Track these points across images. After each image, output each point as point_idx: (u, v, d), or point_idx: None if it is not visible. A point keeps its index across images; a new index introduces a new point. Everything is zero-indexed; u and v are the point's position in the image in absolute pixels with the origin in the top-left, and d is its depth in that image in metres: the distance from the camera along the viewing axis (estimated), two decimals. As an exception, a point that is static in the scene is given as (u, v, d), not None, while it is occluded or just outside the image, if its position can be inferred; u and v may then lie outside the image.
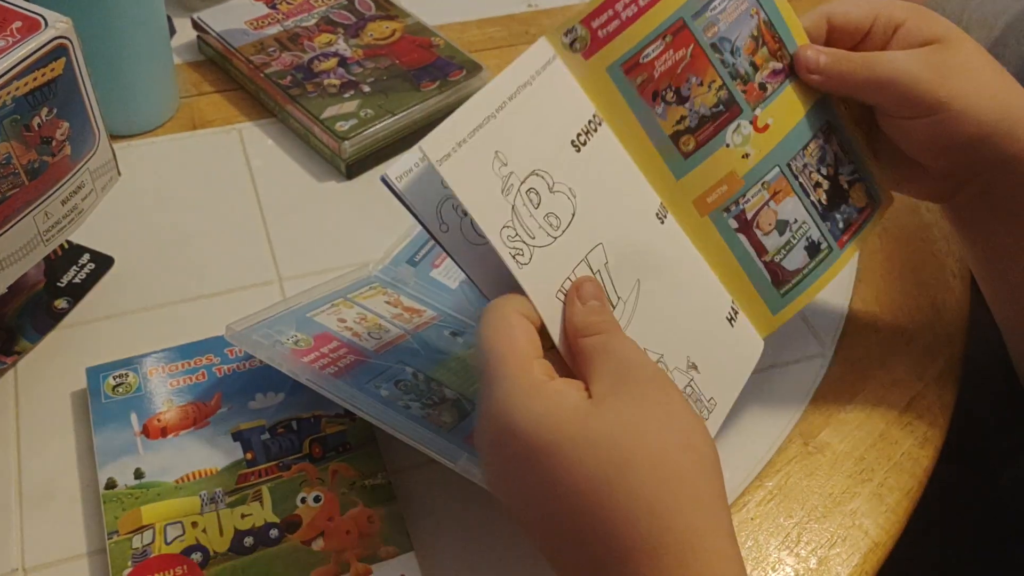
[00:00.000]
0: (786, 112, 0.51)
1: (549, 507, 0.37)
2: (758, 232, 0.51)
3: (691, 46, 0.48)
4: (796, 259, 0.52)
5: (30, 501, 0.50)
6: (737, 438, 0.55)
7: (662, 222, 0.49)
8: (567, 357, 0.42)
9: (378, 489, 0.50)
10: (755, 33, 0.50)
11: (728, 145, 0.50)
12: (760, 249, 0.51)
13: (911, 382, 0.58)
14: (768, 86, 0.51)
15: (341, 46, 0.74)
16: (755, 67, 0.50)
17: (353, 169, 0.68)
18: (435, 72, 0.72)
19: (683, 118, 0.49)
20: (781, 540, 0.51)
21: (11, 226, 0.50)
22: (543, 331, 0.42)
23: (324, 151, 0.69)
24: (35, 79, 0.49)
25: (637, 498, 0.36)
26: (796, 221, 0.52)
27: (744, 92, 0.50)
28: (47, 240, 0.54)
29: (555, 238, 0.44)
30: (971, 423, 0.59)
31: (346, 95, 0.70)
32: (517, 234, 0.42)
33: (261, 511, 0.49)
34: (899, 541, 0.53)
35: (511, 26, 0.82)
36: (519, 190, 0.42)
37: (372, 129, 0.68)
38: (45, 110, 0.50)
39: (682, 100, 0.48)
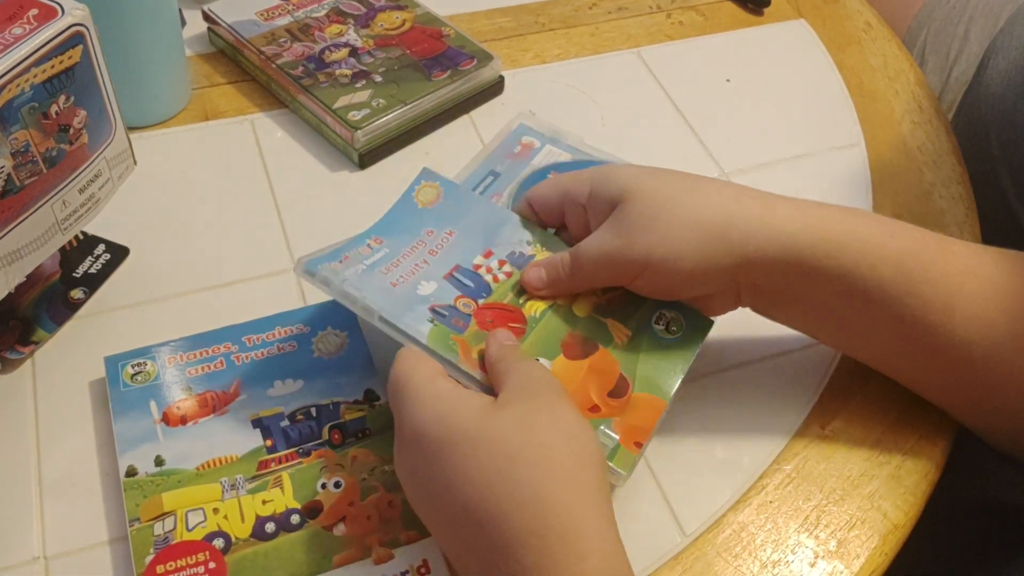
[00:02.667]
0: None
1: (451, 498, 0.41)
2: None
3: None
4: None
5: (50, 490, 0.50)
6: (754, 422, 0.55)
7: None
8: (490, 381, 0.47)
9: (399, 474, 0.50)
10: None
11: None
12: None
13: (927, 366, 0.58)
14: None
15: (352, 36, 0.74)
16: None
17: (366, 159, 0.68)
18: (446, 62, 0.72)
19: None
20: (800, 523, 0.52)
21: (30, 214, 0.51)
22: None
23: (337, 141, 0.69)
24: (53, 66, 0.49)
25: (523, 487, 0.40)
26: None
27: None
28: (64, 229, 0.54)
29: None
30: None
31: (358, 85, 0.70)
32: None
33: (282, 497, 0.49)
34: (917, 524, 0.53)
35: (520, 16, 0.82)
36: None
37: (385, 118, 0.68)
38: (63, 98, 0.50)
39: None
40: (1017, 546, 0.62)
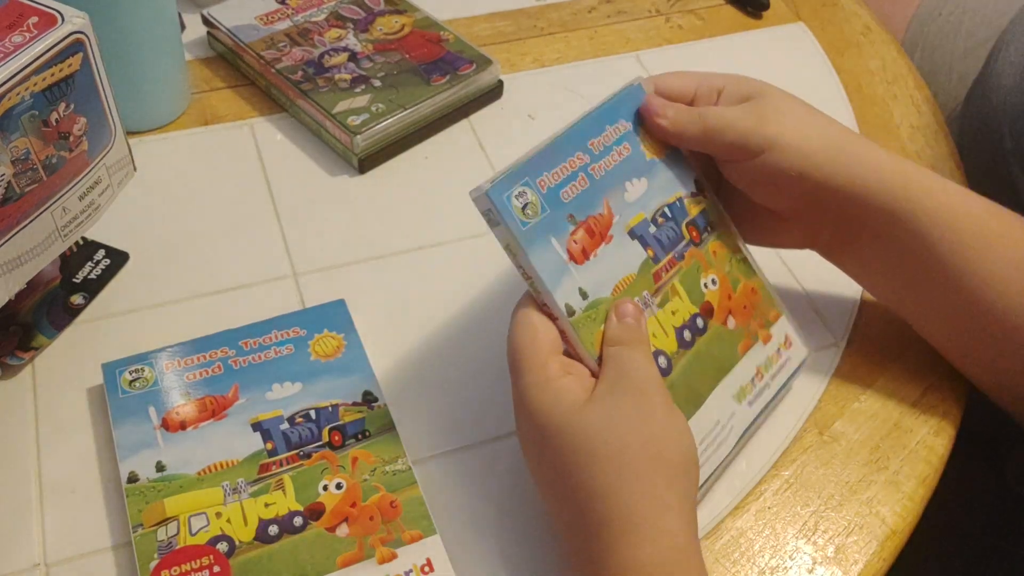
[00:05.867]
0: None
1: (548, 476, 0.47)
2: None
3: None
4: None
5: (51, 496, 0.51)
6: (753, 427, 0.56)
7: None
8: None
9: (399, 475, 0.51)
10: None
11: None
12: None
13: (925, 372, 0.58)
14: None
15: (351, 41, 0.74)
16: None
17: (365, 163, 0.68)
18: (445, 66, 0.72)
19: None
20: (798, 529, 0.52)
21: (30, 222, 0.51)
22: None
23: (336, 145, 0.69)
24: (53, 75, 0.49)
25: (597, 483, 0.44)
26: None
27: None
28: (65, 236, 0.54)
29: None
30: (982, 412, 0.59)
31: (357, 90, 0.70)
32: None
33: (284, 500, 0.49)
34: (915, 529, 0.53)
35: (520, 20, 0.82)
36: None
37: (384, 123, 0.68)
38: (63, 105, 0.50)
39: None
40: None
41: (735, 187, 0.55)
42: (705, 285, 0.51)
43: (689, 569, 0.44)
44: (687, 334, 0.50)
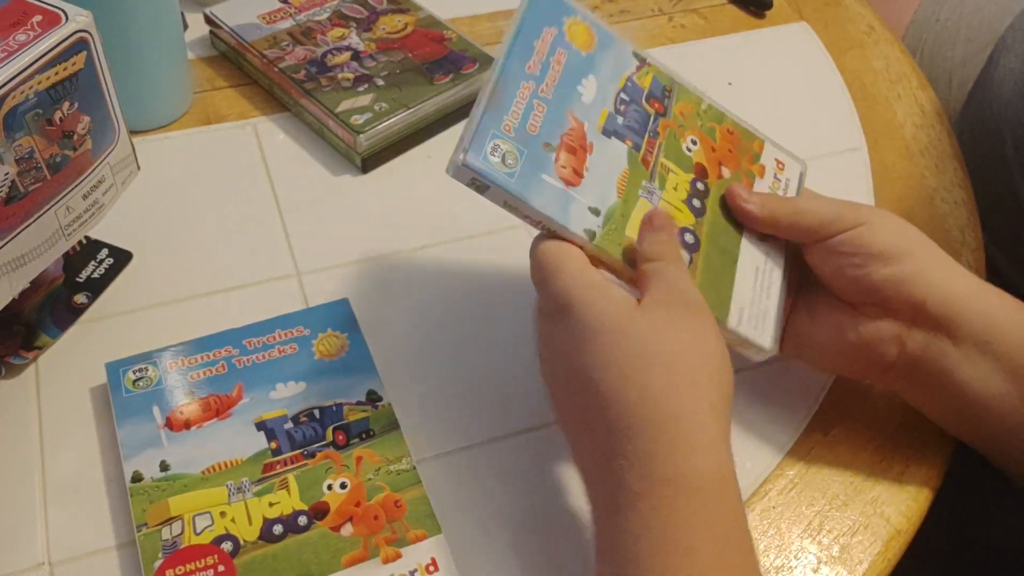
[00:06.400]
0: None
1: (582, 375, 0.45)
2: None
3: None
4: None
5: (55, 496, 0.51)
6: (757, 428, 0.56)
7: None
8: (635, 277, 0.48)
9: (404, 474, 0.51)
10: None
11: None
12: None
13: (929, 370, 0.58)
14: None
15: (354, 40, 0.74)
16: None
17: (368, 163, 0.68)
18: (448, 65, 0.72)
19: None
20: (803, 528, 0.52)
21: (33, 220, 0.51)
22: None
23: (339, 145, 0.69)
24: (57, 73, 0.49)
25: (652, 383, 0.43)
26: None
27: None
28: (68, 234, 0.54)
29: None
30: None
31: (360, 89, 0.70)
32: None
33: (289, 499, 0.49)
34: (920, 529, 0.53)
35: (522, 20, 0.82)
36: None
37: (387, 123, 0.68)
38: (67, 104, 0.50)
39: None
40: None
41: (814, 285, 0.53)
42: (687, 149, 0.51)
43: (733, 491, 0.43)
44: (695, 202, 0.50)
